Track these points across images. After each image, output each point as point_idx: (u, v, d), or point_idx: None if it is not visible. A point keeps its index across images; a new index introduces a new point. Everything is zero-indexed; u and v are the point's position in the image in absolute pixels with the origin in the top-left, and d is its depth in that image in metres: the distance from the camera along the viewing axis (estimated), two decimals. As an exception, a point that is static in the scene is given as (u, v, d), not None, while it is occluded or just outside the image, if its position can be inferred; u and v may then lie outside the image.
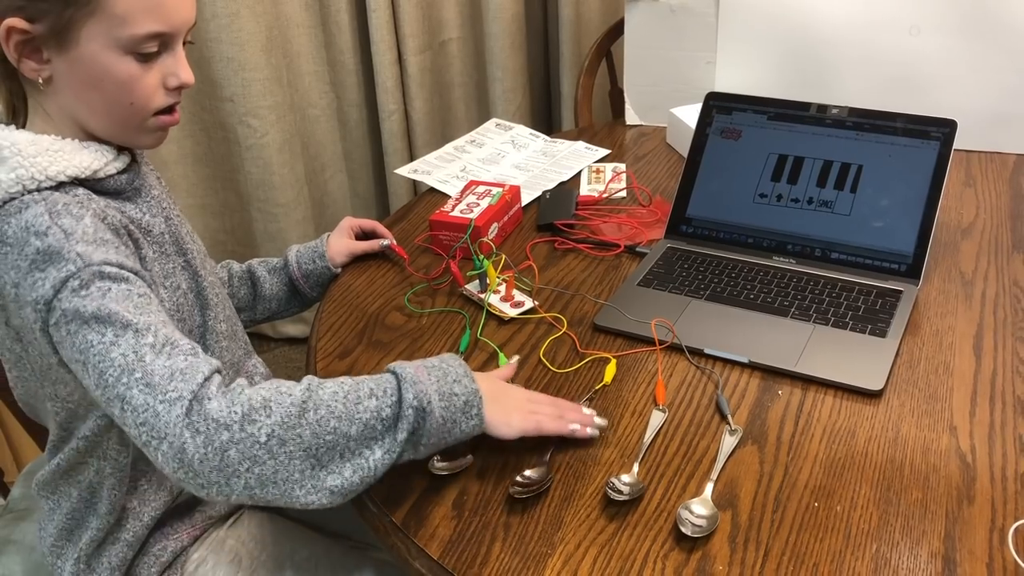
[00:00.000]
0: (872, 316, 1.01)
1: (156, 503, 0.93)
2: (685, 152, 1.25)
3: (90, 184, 0.83)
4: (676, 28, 1.59)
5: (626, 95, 1.68)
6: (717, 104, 1.22)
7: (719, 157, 1.21)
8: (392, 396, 0.76)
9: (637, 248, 1.21)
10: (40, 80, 0.79)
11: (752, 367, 0.96)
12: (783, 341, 0.98)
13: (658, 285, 1.10)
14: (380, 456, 0.75)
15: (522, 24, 2.09)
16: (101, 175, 0.83)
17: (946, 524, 0.75)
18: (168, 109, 0.85)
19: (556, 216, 1.28)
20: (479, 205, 1.24)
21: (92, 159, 0.82)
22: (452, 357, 0.82)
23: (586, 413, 0.87)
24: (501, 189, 1.28)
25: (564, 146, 1.57)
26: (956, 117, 1.09)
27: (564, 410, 0.86)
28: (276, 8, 1.91)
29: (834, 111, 1.16)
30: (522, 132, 1.64)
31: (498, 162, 1.52)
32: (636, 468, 0.83)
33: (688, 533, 0.75)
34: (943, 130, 1.10)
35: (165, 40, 0.81)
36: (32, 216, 0.76)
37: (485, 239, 1.20)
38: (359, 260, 1.24)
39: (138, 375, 0.72)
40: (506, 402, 0.83)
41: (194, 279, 0.94)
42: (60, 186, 0.80)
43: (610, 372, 0.96)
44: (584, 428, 0.85)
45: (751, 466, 0.83)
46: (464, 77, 2.16)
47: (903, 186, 1.10)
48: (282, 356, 2.28)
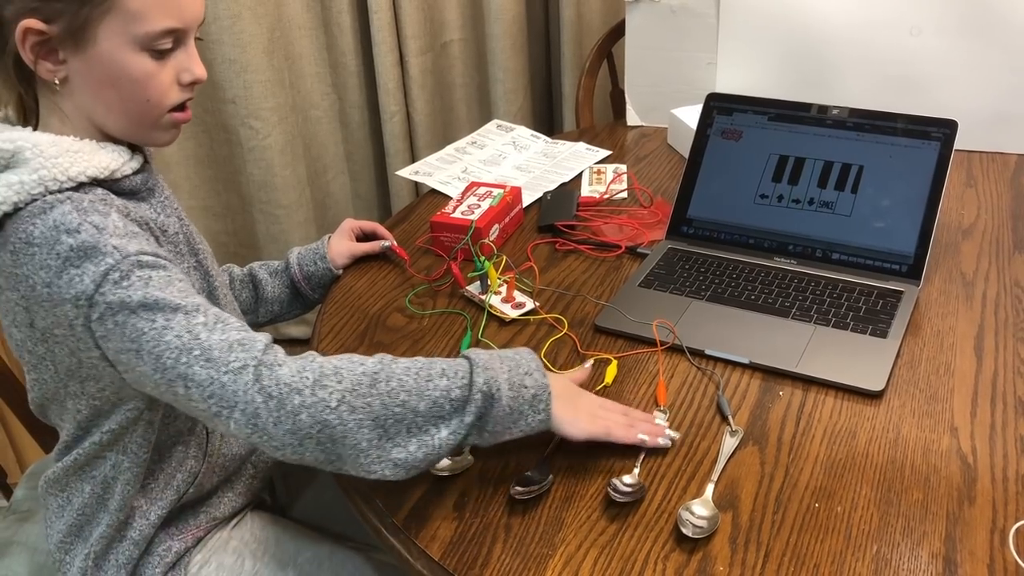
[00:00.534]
0: (873, 317, 1.01)
1: (163, 502, 0.93)
2: (686, 153, 1.25)
3: (107, 185, 0.83)
4: (677, 29, 1.59)
5: (627, 96, 1.68)
6: (718, 105, 1.22)
7: (720, 158, 1.21)
8: (463, 379, 0.77)
9: (638, 249, 1.21)
10: (56, 81, 0.80)
11: (753, 368, 0.96)
12: (784, 342, 0.98)
13: (659, 286, 1.10)
14: (445, 436, 0.76)
15: (523, 25, 2.09)
16: (118, 175, 0.84)
17: (947, 525, 0.75)
18: (180, 106, 0.86)
19: (557, 217, 1.28)
20: (480, 206, 1.24)
21: (110, 159, 0.83)
22: (527, 351, 0.83)
23: (658, 424, 0.87)
24: (502, 190, 1.28)
25: (565, 147, 1.57)
26: (957, 117, 1.09)
27: (635, 420, 0.86)
28: (278, 10, 1.91)
29: (835, 112, 1.16)
30: (523, 133, 1.64)
31: (499, 163, 1.53)
32: (637, 469, 0.83)
33: (689, 534, 0.75)
34: (944, 130, 1.10)
35: (178, 36, 0.82)
36: (60, 215, 0.76)
37: (486, 240, 1.20)
38: (360, 262, 1.24)
39: (196, 352, 0.74)
40: (577, 403, 0.84)
41: (205, 279, 0.94)
42: (80, 187, 0.80)
43: (611, 373, 0.96)
44: (654, 438, 0.85)
45: (752, 467, 0.83)
46: (465, 78, 2.16)
47: (904, 187, 1.10)
48: (284, 357, 2.28)
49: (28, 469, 1.22)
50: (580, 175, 1.46)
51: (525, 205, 1.35)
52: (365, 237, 1.27)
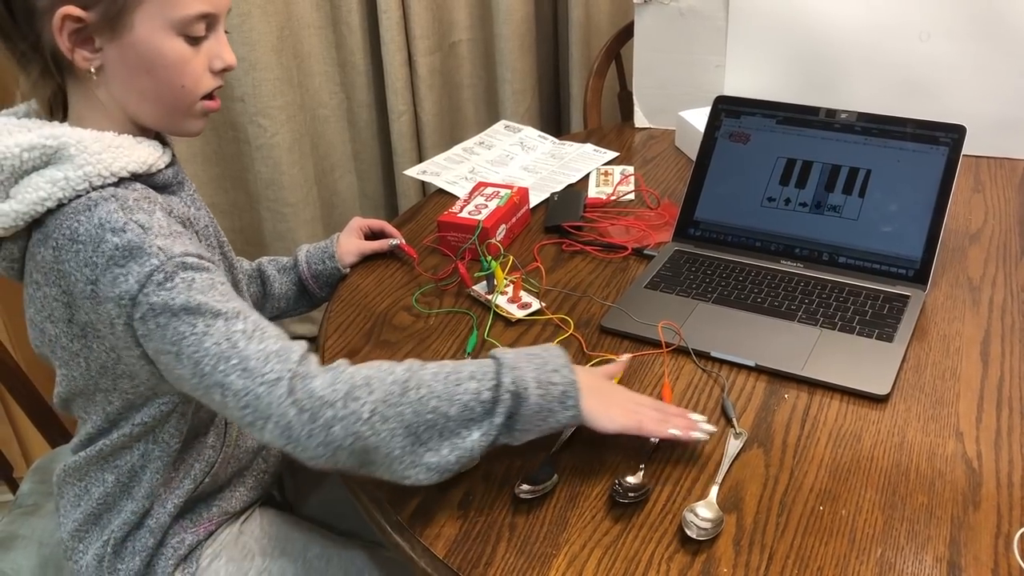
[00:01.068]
0: (879, 321, 1.01)
1: (180, 491, 0.94)
2: (694, 155, 1.25)
3: (143, 179, 0.84)
4: (685, 31, 1.59)
5: (635, 98, 1.68)
6: (726, 108, 1.23)
7: (727, 160, 1.21)
8: (492, 380, 0.78)
9: (645, 251, 1.21)
10: (92, 70, 0.80)
11: (758, 370, 0.96)
12: (790, 345, 0.98)
13: (665, 288, 1.10)
14: (477, 438, 0.76)
15: (532, 26, 2.09)
16: (153, 170, 0.84)
17: (951, 529, 0.75)
18: (210, 95, 0.86)
19: (564, 218, 1.29)
20: (487, 206, 1.24)
21: (147, 154, 0.83)
22: (555, 348, 0.83)
23: (693, 419, 0.85)
24: (509, 191, 1.28)
25: (572, 148, 1.58)
26: (965, 122, 1.09)
27: (668, 415, 0.85)
28: (287, 9, 1.91)
29: (843, 116, 1.16)
30: (531, 134, 1.64)
31: (506, 164, 1.53)
32: (642, 470, 0.83)
33: (693, 536, 0.75)
34: (952, 135, 1.10)
35: (210, 22, 0.83)
36: (105, 213, 0.77)
37: (493, 240, 1.21)
38: (367, 260, 1.24)
39: (234, 361, 0.74)
40: (608, 397, 0.84)
41: (230, 272, 0.95)
42: (120, 182, 0.81)
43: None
44: (687, 432, 0.83)
45: (756, 469, 0.83)
46: (473, 79, 2.17)
47: (911, 191, 1.10)
48: (290, 355, 2.29)
49: (33, 464, 1.23)
50: (587, 176, 1.47)
51: (532, 206, 1.35)
52: (373, 236, 1.27)
